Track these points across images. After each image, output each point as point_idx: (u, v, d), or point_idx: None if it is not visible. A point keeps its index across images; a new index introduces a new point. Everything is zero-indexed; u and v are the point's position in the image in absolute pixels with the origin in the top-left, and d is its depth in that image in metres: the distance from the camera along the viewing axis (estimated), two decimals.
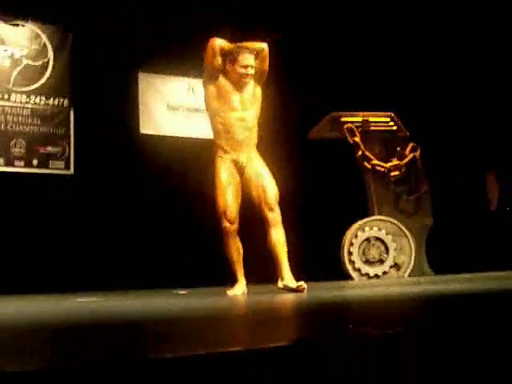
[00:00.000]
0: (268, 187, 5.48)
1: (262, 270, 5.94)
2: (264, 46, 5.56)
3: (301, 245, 8.13)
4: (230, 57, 5.47)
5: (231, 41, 5.61)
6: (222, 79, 5.53)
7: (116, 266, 8.37)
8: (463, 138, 10.38)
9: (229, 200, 5.46)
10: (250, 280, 5.71)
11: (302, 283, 5.14)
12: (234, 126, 5.54)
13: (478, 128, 10.37)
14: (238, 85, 5.52)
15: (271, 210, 5.44)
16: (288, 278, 5.25)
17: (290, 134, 9.85)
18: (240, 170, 5.55)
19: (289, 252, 5.44)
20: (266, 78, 5.68)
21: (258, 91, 5.64)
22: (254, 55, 5.51)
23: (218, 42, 5.45)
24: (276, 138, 8.72)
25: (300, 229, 8.96)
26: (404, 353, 1.84)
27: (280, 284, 5.29)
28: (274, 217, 5.44)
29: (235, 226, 5.49)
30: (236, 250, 5.54)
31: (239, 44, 5.54)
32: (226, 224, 5.46)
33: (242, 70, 5.46)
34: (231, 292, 5.45)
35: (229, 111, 5.54)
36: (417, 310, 3.07)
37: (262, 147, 5.75)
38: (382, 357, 1.77)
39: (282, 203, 5.76)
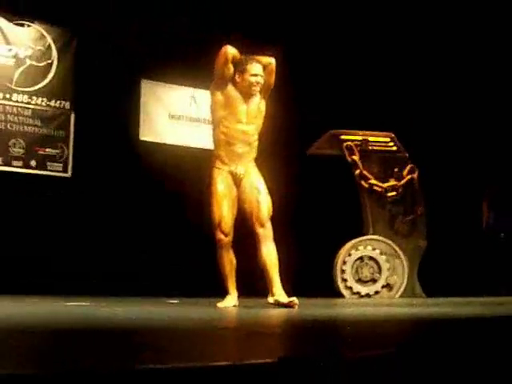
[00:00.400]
0: (262, 203, 5.47)
1: (254, 283, 5.92)
2: (272, 60, 5.60)
3: (294, 260, 8.13)
4: (239, 67, 5.50)
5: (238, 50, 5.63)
6: (230, 88, 5.55)
7: (110, 272, 8.34)
8: (461, 162, 10.40)
9: (224, 212, 5.46)
10: (242, 293, 5.70)
11: (293, 299, 5.12)
12: (236, 138, 5.55)
13: (476, 154, 10.40)
14: (246, 96, 5.55)
15: (262, 225, 5.43)
16: (279, 294, 5.24)
17: (289, 149, 9.85)
18: (237, 181, 5.56)
19: (281, 267, 5.43)
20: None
21: (263, 105, 5.67)
22: (262, 66, 5.54)
23: (231, 50, 5.47)
24: (275, 153, 8.72)
25: (294, 244, 8.96)
26: (393, 374, 1.84)
27: (271, 299, 5.28)
28: (265, 233, 5.42)
29: (229, 238, 5.48)
30: (229, 262, 5.54)
31: (248, 55, 5.58)
32: (221, 236, 5.46)
33: (253, 79, 5.48)
34: (222, 304, 5.44)
35: (233, 122, 5.55)
36: (406, 332, 3.06)
37: (260, 161, 5.75)
38: (370, 378, 1.76)
39: (278, 218, 5.76)
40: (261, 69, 5.54)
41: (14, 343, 2.22)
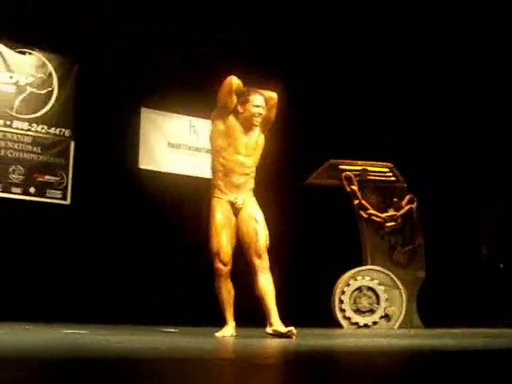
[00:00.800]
0: (259, 233, 5.47)
1: (253, 313, 5.90)
2: (274, 95, 5.62)
3: (292, 290, 8.12)
4: (242, 98, 5.52)
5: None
6: (231, 119, 5.56)
7: (107, 300, 8.33)
8: (459, 193, 10.43)
9: (223, 241, 5.46)
10: (241, 323, 5.69)
11: (291, 328, 5.10)
12: (234, 169, 5.56)
13: (474, 185, 10.44)
14: (247, 127, 5.56)
15: (259, 256, 5.42)
16: (277, 324, 5.23)
17: (288, 178, 9.88)
18: (236, 211, 5.56)
19: (280, 296, 5.42)
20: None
21: (262, 139, 5.68)
22: (264, 100, 5.57)
23: (236, 81, 5.49)
24: (273, 182, 8.76)
25: (293, 274, 8.97)
26: None
27: (269, 330, 5.26)
28: (262, 263, 5.41)
29: (228, 268, 5.48)
30: (227, 291, 5.53)
31: (252, 87, 5.60)
32: (219, 265, 5.45)
33: (255, 110, 5.50)
34: (220, 333, 5.42)
35: (232, 153, 5.56)
36: (403, 364, 3.05)
37: (258, 190, 5.76)
38: None
39: (277, 247, 5.75)
40: (263, 101, 5.56)
41: (6, 374, 2.21)
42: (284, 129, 7.01)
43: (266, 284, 5.38)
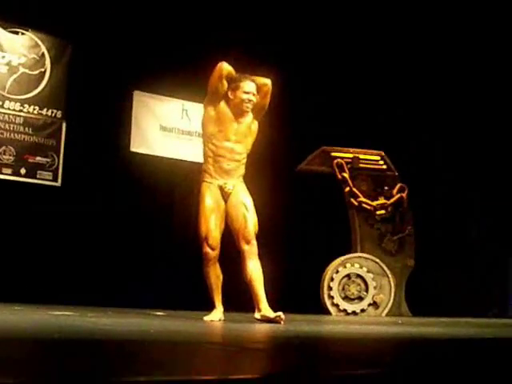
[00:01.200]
0: (248, 220, 5.47)
1: (241, 298, 5.91)
2: (267, 81, 5.60)
3: (281, 276, 8.13)
4: (233, 84, 5.50)
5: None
6: (222, 105, 5.55)
7: (96, 282, 8.33)
8: (449, 182, 10.46)
9: (211, 226, 5.47)
10: (229, 307, 5.71)
11: (280, 313, 5.11)
12: (223, 155, 5.56)
13: (465, 173, 10.46)
14: (237, 114, 5.54)
15: (248, 242, 5.42)
16: (265, 309, 5.24)
17: (279, 164, 9.87)
18: (225, 196, 5.56)
19: (269, 282, 5.43)
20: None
21: (255, 126, 5.67)
22: (256, 86, 5.55)
23: (227, 67, 5.48)
24: (264, 168, 8.75)
25: (282, 260, 8.98)
26: None
27: (257, 315, 5.27)
28: (251, 249, 5.42)
29: (216, 253, 5.49)
30: (215, 276, 5.54)
31: (244, 74, 5.58)
32: (207, 250, 5.46)
33: (244, 96, 5.49)
34: (208, 317, 5.44)
35: (222, 139, 5.56)
36: (393, 350, 3.06)
37: (249, 176, 5.76)
38: None
39: (267, 234, 5.76)
40: (254, 87, 5.54)
41: (2, 352, 2.21)
42: (277, 115, 6.99)
43: (254, 270, 5.39)
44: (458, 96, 10.37)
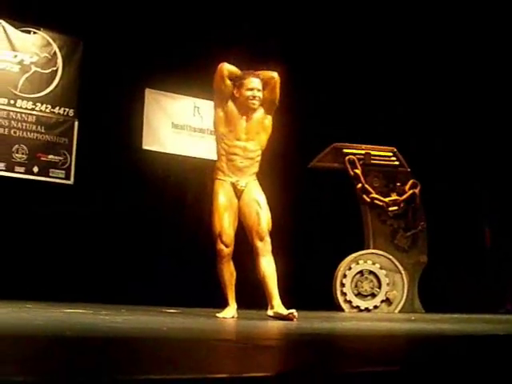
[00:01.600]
0: (261, 217, 5.46)
1: (255, 295, 5.91)
2: (274, 74, 5.57)
3: (293, 273, 8.12)
4: (237, 82, 5.50)
5: (240, 65, 5.63)
6: (230, 104, 5.55)
7: (109, 280, 8.34)
8: (463, 178, 10.42)
9: (225, 223, 5.47)
10: (242, 305, 5.71)
11: (293, 311, 5.11)
12: (236, 153, 5.56)
13: (478, 170, 10.42)
14: (245, 111, 5.53)
15: (261, 239, 5.42)
16: (278, 306, 5.24)
17: (291, 161, 9.85)
18: (238, 193, 5.56)
19: (281, 280, 5.43)
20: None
21: (268, 121, 5.64)
22: (261, 80, 5.53)
23: (226, 67, 5.47)
24: (276, 165, 8.73)
25: (295, 257, 8.97)
26: None
27: (270, 312, 5.27)
28: (264, 246, 5.41)
29: (230, 250, 5.49)
30: (229, 273, 5.54)
31: (248, 70, 5.58)
32: (221, 247, 5.46)
33: (249, 93, 5.47)
34: (221, 314, 5.44)
35: (233, 139, 5.56)
36: (406, 347, 3.06)
37: (262, 173, 5.75)
38: None
39: (279, 230, 5.75)
40: (258, 83, 5.51)
41: (8, 349, 2.21)
42: (288, 112, 6.99)
43: (267, 267, 5.38)
44: (471, 91, 10.33)
